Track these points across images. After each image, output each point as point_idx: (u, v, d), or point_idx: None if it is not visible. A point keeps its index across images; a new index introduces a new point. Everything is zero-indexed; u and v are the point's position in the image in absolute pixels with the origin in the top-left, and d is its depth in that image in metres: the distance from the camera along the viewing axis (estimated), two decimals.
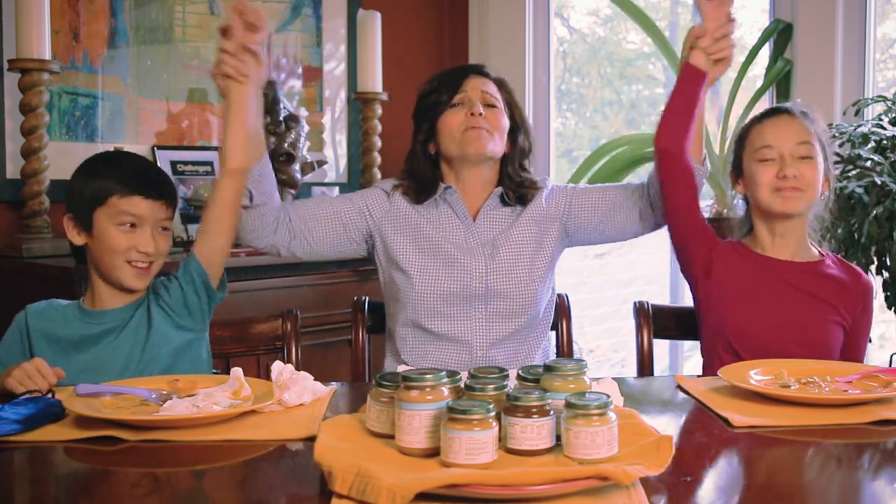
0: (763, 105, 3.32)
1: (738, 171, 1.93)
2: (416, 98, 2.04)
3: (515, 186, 2.00)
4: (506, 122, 1.98)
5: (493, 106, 1.96)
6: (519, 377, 1.31)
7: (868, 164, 2.56)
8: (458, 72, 2.02)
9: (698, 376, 1.72)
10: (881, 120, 2.70)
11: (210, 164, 3.07)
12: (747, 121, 1.97)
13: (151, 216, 1.72)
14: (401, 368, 1.54)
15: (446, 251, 1.94)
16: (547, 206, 2.01)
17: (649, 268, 5.02)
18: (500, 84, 2.03)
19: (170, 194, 1.76)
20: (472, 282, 1.93)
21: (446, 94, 1.97)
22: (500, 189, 1.99)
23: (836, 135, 2.69)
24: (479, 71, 2.03)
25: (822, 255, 1.91)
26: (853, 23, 3.19)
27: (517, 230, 1.97)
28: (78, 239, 1.75)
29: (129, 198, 1.70)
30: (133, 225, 1.71)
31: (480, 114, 1.92)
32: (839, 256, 1.94)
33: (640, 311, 2.04)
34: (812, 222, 1.92)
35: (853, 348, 1.86)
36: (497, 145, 1.95)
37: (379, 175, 3.38)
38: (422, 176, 2.00)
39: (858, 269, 1.92)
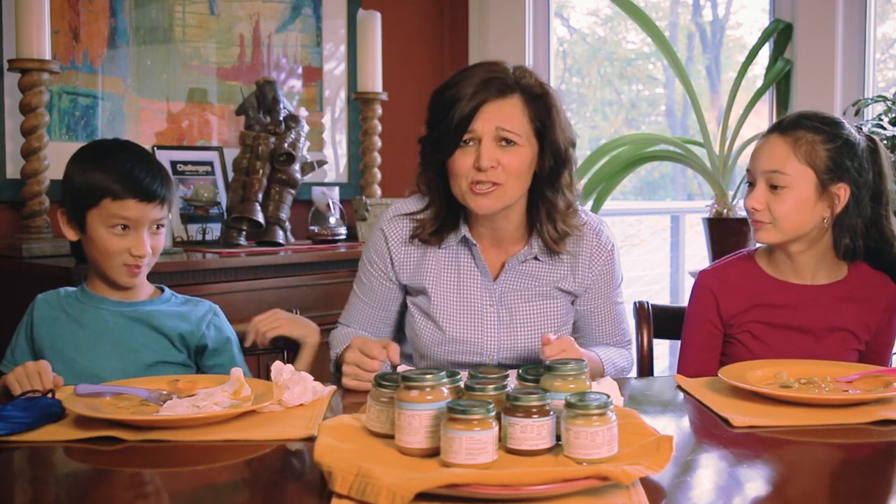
0: (763, 106, 3.33)
1: None
2: (426, 104, 1.76)
3: (552, 227, 1.76)
4: (526, 157, 1.69)
5: (508, 141, 1.67)
6: (519, 377, 1.31)
7: None
8: (472, 94, 1.67)
9: (698, 376, 1.72)
10: (881, 120, 2.71)
11: (210, 163, 3.07)
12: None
13: (145, 218, 1.70)
14: (401, 368, 1.54)
15: (457, 318, 1.80)
16: (582, 275, 1.81)
17: (649, 268, 5.03)
18: (529, 95, 1.70)
19: (165, 193, 1.72)
20: (482, 358, 1.80)
21: (455, 126, 1.67)
22: (532, 251, 1.78)
23: None
24: (500, 90, 1.68)
25: (848, 267, 1.78)
26: (853, 23, 3.19)
27: (541, 299, 1.81)
28: (71, 234, 1.75)
29: (122, 201, 1.67)
30: (126, 227, 1.69)
31: (492, 167, 1.66)
32: (870, 266, 1.79)
33: (640, 311, 2.04)
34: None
35: (876, 362, 1.76)
36: (512, 193, 1.70)
37: (379, 176, 3.38)
38: (440, 215, 1.79)
39: (886, 277, 1.78)
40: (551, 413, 1.17)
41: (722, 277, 1.82)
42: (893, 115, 2.71)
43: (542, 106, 1.71)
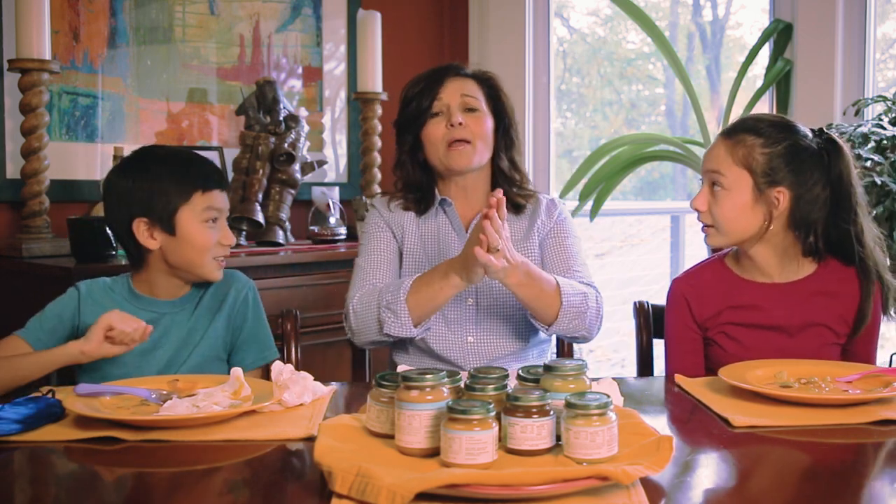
0: (763, 106, 3.33)
1: None
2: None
3: (508, 187, 1.96)
4: (488, 125, 1.93)
5: (473, 109, 1.92)
6: (519, 377, 1.31)
7: (868, 164, 2.56)
8: (435, 76, 1.95)
9: (698, 376, 1.72)
10: (881, 120, 2.70)
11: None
12: None
13: (226, 207, 1.75)
14: (401, 368, 1.54)
15: None
16: (541, 226, 1.97)
17: (649, 268, 5.03)
18: (481, 79, 1.98)
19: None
20: (461, 305, 1.91)
21: (425, 102, 1.92)
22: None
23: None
24: (457, 71, 1.97)
25: (820, 265, 1.77)
26: (853, 23, 3.19)
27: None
28: (152, 243, 1.69)
29: (210, 192, 1.70)
30: (216, 219, 1.71)
31: (460, 123, 1.89)
32: (839, 259, 1.77)
33: (640, 311, 2.04)
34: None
35: (861, 357, 1.75)
36: (482, 153, 1.92)
37: (379, 175, 3.38)
38: (418, 186, 1.98)
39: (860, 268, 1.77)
40: (551, 413, 1.17)
41: (693, 283, 1.84)
42: (893, 115, 2.70)
43: (492, 87, 1.98)
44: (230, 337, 1.79)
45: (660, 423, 1.45)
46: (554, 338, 2.06)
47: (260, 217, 2.86)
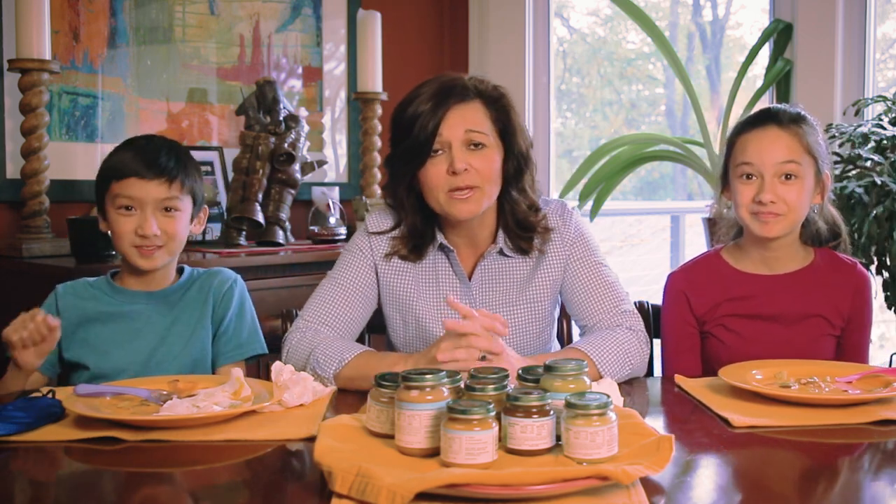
0: (763, 105, 3.32)
1: (726, 177, 1.83)
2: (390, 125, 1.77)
3: (516, 226, 1.78)
4: (497, 161, 1.72)
5: (479, 144, 1.69)
6: (519, 377, 1.31)
7: (868, 164, 2.56)
8: (434, 104, 1.68)
9: (699, 376, 1.72)
10: (881, 120, 2.70)
11: (210, 163, 3.07)
12: (737, 123, 1.84)
13: (148, 197, 1.70)
14: None
15: (438, 329, 1.76)
16: (555, 251, 1.81)
17: (649, 268, 5.03)
18: (487, 99, 1.73)
19: (171, 172, 1.71)
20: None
21: (422, 138, 1.67)
22: (497, 245, 1.78)
23: (836, 135, 2.70)
24: (461, 96, 1.70)
25: (815, 252, 1.82)
26: (853, 23, 3.19)
27: (521, 302, 1.80)
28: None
29: (123, 181, 1.71)
30: (131, 207, 1.71)
31: (465, 170, 1.67)
32: (835, 251, 1.84)
33: (640, 311, 2.03)
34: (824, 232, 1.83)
35: (854, 348, 1.80)
36: (490, 196, 1.72)
37: (379, 176, 3.38)
38: (417, 230, 1.79)
39: (853, 261, 1.82)
40: (551, 413, 1.17)
41: (690, 277, 1.86)
42: (893, 115, 2.70)
43: (501, 108, 1.74)
44: (215, 331, 1.81)
45: (659, 424, 1.45)
46: (555, 340, 2.05)
47: (260, 217, 2.86)
